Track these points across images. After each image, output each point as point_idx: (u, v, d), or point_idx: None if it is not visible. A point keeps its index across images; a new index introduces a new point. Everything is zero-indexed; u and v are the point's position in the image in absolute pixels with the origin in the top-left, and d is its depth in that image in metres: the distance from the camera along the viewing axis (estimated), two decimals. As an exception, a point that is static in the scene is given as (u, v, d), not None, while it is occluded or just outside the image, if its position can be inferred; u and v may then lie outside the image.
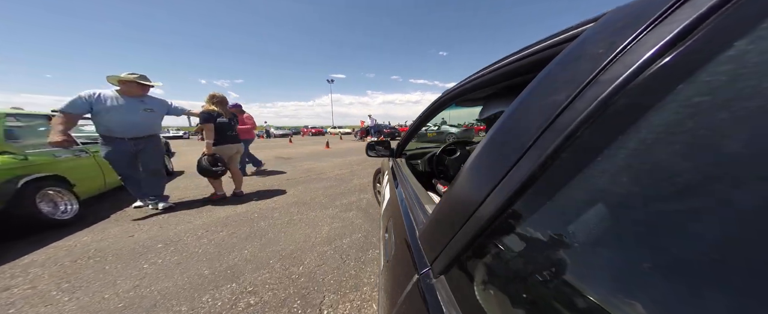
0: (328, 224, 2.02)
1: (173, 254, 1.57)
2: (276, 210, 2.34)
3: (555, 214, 0.21)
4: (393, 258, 0.56)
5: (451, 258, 0.31)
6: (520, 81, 0.47)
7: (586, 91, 0.21)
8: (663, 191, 0.15)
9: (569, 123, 0.21)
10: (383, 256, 0.69)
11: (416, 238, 0.46)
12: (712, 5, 0.16)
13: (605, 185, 0.18)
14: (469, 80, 0.64)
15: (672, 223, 0.14)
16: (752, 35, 0.14)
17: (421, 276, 0.36)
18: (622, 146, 0.17)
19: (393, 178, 1.08)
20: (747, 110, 0.13)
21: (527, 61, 0.41)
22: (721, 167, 0.13)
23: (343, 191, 2.96)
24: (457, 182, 0.35)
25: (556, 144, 0.21)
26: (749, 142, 0.12)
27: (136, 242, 1.73)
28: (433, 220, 0.40)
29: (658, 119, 0.16)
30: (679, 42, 0.17)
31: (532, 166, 0.22)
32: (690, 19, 0.17)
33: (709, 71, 0.15)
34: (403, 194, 0.77)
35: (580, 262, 0.19)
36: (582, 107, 0.20)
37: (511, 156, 0.25)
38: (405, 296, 0.39)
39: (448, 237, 0.32)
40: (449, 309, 0.29)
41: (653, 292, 0.14)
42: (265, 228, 1.93)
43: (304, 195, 2.82)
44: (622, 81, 0.18)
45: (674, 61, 0.17)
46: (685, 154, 0.15)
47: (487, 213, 0.26)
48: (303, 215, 2.22)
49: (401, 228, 0.58)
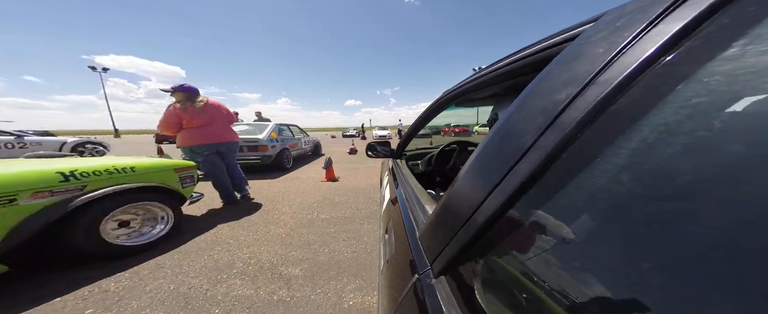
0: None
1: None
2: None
3: (555, 214, 0.21)
4: (393, 258, 0.56)
5: (451, 259, 0.31)
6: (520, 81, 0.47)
7: (586, 91, 0.21)
8: (663, 192, 0.15)
9: (569, 123, 0.21)
10: (383, 256, 0.69)
11: (416, 238, 0.46)
12: (712, 5, 0.16)
13: (605, 185, 0.18)
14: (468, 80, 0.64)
15: (672, 223, 0.14)
16: (752, 35, 0.14)
17: (420, 277, 0.36)
18: (622, 146, 0.17)
19: (393, 178, 1.08)
20: (746, 110, 0.13)
21: (527, 61, 0.41)
22: (722, 167, 0.13)
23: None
24: (457, 182, 0.35)
25: (556, 144, 0.21)
26: (749, 142, 0.12)
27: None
28: (433, 220, 0.40)
29: (658, 119, 0.16)
30: (679, 42, 0.17)
31: (532, 166, 0.22)
32: (690, 19, 0.17)
33: (709, 71, 0.15)
34: (403, 195, 0.77)
35: (580, 262, 0.19)
36: (582, 107, 0.20)
37: (511, 156, 0.25)
38: (405, 296, 0.39)
39: (448, 237, 0.32)
40: (449, 309, 0.28)
41: (653, 292, 0.14)
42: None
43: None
44: (622, 81, 0.18)
45: (674, 61, 0.17)
46: (685, 154, 0.15)
47: (488, 213, 0.26)
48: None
49: (401, 228, 0.58)
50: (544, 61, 0.34)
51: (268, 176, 4.30)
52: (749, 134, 0.12)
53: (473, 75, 0.62)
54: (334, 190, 3.38)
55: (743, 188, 0.12)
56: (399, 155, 1.45)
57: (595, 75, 0.21)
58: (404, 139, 1.40)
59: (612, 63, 0.20)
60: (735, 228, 0.12)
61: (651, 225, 0.15)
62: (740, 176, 0.12)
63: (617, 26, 0.22)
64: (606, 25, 0.24)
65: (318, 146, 7.61)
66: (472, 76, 0.62)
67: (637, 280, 0.15)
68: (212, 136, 2.41)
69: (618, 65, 0.20)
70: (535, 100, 0.27)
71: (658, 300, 0.14)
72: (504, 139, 0.29)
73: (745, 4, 0.15)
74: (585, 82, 0.21)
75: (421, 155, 1.78)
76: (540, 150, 0.22)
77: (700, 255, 0.13)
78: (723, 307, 0.11)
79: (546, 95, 0.25)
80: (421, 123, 1.17)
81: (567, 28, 0.32)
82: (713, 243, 0.12)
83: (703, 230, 0.13)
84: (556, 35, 0.35)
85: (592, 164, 0.19)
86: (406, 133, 1.38)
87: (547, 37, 0.37)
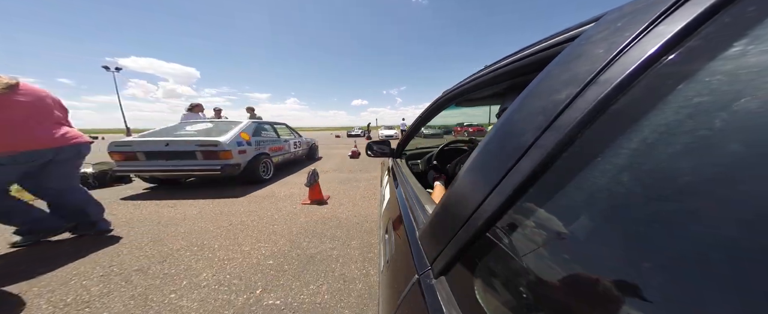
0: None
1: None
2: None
3: (555, 214, 0.21)
4: (393, 258, 0.56)
5: (451, 258, 0.31)
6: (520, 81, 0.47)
7: (586, 91, 0.21)
8: (663, 192, 0.15)
9: (569, 123, 0.21)
10: (383, 256, 0.69)
11: (416, 238, 0.46)
12: (712, 5, 0.16)
13: (605, 185, 0.18)
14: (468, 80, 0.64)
15: (672, 223, 0.14)
16: (752, 35, 0.14)
17: (421, 277, 0.36)
18: (622, 146, 0.17)
19: (393, 178, 1.08)
20: (747, 110, 0.13)
21: (527, 61, 0.41)
22: (722, 167, 0.13)
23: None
24: (457, 182, 0.35)
25: (556, 144, 0.21)
26: (749, 142, 0.12)
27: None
28: (433, 220, 0.40)
29: (659, 119, 0.16)
30: (680, 42, 0.17)
31: (532, 166, 0.22)
32: (690, 19, 0.17)
33: (709, 71, 0.15)
34: (403, 194, 0.77)
35: (580, 262, 0.19)
36: (582, 106, 0.20)
37: (512, 156, 0.25)
38: (405, 296, 0.39)
39: (449, 237, 0.32)
40: (449, 309, 0.28)
41: (653, 292, 0.14)
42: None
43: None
44: (622, 81, 0.18)
45: (674, 61, 0.17)
46: (685, 154, 0.15)
47: (488, 213, 0.26)
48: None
49: (401, 228, 0.58)
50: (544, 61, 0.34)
51: (232, 192, 3.05)
52: (750, 134, 0.12)
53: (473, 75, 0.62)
54: (316, 224, 2.00)
55: (743, 188, 0.12)
56: (399, 155, 1.45)
57: (595, 75, 0.21)
58: (404, 138, 1.40)
59: (613, 63, 0.20)
60: (735, 228, 0.12)
61: (651, 225, 0.15)
62: (741, 176, 0.12)
63: (618, 26, 0.22)
64: (607, 25, 0.24)
65: (313, 149, 6.34)
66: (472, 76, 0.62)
67: (637, 280, 0.15)
68: (15, 140, 1.48)
69: (619, 65, 0.20)
70: (536, 99, 0.27)
71: (658, 300, 0.14)
72: (504, 138, 0.29)
73: (746, 5, 0.15)
74: (586, 81, 0.21)
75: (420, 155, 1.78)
76: (540, 150, 0.22)
77: (700, 255, 0.13)
78: (723, 307, 0.11)
79: (546, 95, 0.25)
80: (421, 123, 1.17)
81: (568, 28, 0.32)
82: (713, 243, 0.12)
83: (703, 230, 0.13)
84: (556, 35, 0.35)
85: (592, 164, 0.19)
86: (406, 133, 1.38)
87: (548, 37, 0.37)
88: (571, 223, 0.20)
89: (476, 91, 0.62)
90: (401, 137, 1.43)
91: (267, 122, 4.35)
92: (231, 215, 2.26)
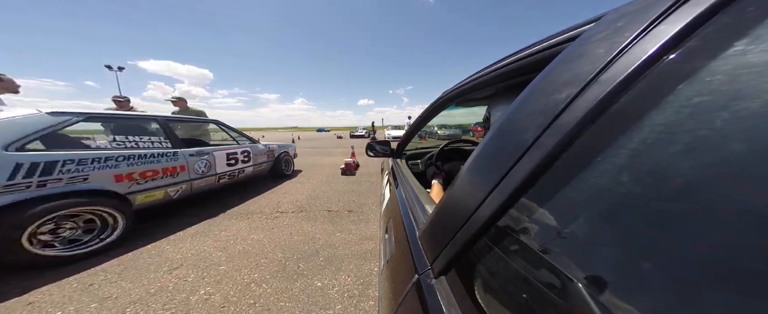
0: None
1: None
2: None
3: (555, 214, 0.21)
4: (393, 258, 0.56)
5: (451, 259, 0.31)
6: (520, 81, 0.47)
7: (586, 91, 0.21)
8: (663, 191, 0.15)
9: (569, 123, 0.21)
10: (383, 256, 0.69)
11: (416, 238, 0.46)
12: (712, 5, 0.16)
13: (605, 185, 0.18)
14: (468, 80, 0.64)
15: (672, 223, 0.14)
16: (752, 35, 0.14)
17: (421, 277, 0.36)
18: (622, 146, 0.17)
19: (393, 178, 1.08)
20: (747, 110, 0.13)
21: (527, 62, 0.41)
22: (722, 167, 0.13)
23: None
24: (457, 182, 0.35)
25: (556, 144, 0.21)
26: (749, 142, 0.12)
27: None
28: (433, 220, 0.40)
29: (659, 118, 0.16)
30: (680, 42, 0.17)
31: (532, 166, 0.22)
32: (690, 19, 0.17)
33: (709, 71, 0.15)
34: (403, 195, 0.77)
35: (580, 262, 0.19)
36: (582, 106, 0.20)
37: (512, 156, 0.25)
38: (405, 296, 0.39)
39: (448, 238, 0.32)
40: (449, 309, 0.28)
41: (653, 292, 0.14)
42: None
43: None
44: (623, 81, 0.18)
45: (674, 61, 0.17)
46: (685, 154, 0.15)
47: (488, 213, 0.26)
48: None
49: (401, 229, 0.58)
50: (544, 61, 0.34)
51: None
52: (750, 134, 0.12)
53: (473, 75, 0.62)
54: None
55: (744, 187, 0.12)
56: (399, 155, 1.45)
57: (596, 75, 0.21)
58: (404, 138, 1.40)
59: (613, 63, 0.20)
60: (735, 228, 0.12)
61: (651, 225, 0.15)
62: (741, 175, 0.12)
63: (618, 26, 0.22)
64: (607, 25, 0.24)
65: (280, 161, 3.79)
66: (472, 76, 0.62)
67: (638, 280, 0.15)
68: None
69: (619, 65, 0.20)
70: (536, 99, 0.27)
71: (658, 300, 0.14)
72: (504, 139, 0.29)
73: (746, 5, 0.15)
74: (586, 81, 0.21)
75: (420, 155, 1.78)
76: (540, 149, 0.22)
77: (700, 255, 0.13)
78: (723, 307, 0.11)
79: (547, 95, 0.25)
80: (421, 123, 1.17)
81: (568, 28, 0.32)
82: (713, 243, 0.12)
83: (703, 230, 0.13)
84: (557, 35, 0.35)
85: (592, 164, 0.19)
86: (405, 132, 1.38)
87: (548, 37, 0.37)
88: (572, 223, 0.20)
89: (476, 91, 0.62)
90: (401, 137, 1.43)
91: (151, 115, 2.20)
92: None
